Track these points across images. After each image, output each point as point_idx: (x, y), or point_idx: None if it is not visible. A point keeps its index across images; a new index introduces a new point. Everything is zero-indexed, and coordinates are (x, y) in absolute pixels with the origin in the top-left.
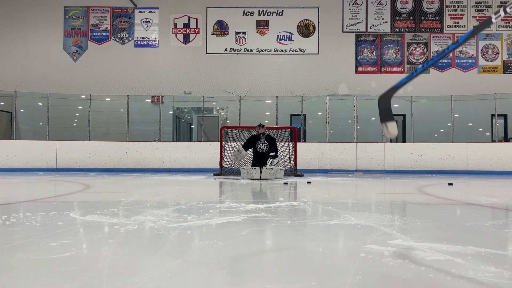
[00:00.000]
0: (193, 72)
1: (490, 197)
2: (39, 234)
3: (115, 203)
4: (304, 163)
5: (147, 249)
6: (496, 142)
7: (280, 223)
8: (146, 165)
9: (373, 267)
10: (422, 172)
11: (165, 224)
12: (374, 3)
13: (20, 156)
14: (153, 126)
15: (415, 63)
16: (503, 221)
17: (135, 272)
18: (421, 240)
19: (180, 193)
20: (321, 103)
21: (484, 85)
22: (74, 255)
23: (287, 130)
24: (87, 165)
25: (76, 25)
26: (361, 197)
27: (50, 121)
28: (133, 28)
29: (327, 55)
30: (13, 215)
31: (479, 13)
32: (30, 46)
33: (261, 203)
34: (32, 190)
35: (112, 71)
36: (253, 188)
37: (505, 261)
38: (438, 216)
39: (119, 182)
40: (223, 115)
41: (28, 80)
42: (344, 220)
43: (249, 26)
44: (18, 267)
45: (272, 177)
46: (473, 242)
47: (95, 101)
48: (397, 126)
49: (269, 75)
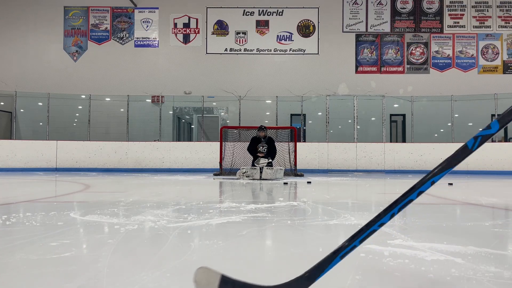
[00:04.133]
0: (193, 72)
1: (490, 197)
2: (39, 234)
3: (115, 203)
4: (304, 163)
5: (147, 249)
6: (496, 142)
7: (280, 223)
8: (146, 165)
9: (373, 267)
10: (422, 172)
11: (165, 224)
12: (374, 3)
13: (20, 156)
14: (153, 126)
15: (415, 63)
16: (503, 221)
17: (135, 272)
18: (421, 240)
19: (180, 193)
20: (321, 103)
21: (484, 85)
22: (74, 255)
23: (287, 130)
24: (87, 165)
25: (76, 25)
26: (361, 197)
27: (50, 121)
28: (133, 28)
29: (327, 55)
30: (13, 215)
31: (479, 13)
32: (30, 46)
33: (261, 203)
34: (32, 190)
35: (112, 71)
36: (253, 188)
37: (505, 261)
38: (438, 216)
39: (119, 182)
40: (223, 115)
41: (28, 80)
42: (344, 220)
43: (249, 26)
44: (18, 267)
45: (272, 177)
46: (473, 242)
47: (95, 101)
48: (397, 126)
49: (269, 75)
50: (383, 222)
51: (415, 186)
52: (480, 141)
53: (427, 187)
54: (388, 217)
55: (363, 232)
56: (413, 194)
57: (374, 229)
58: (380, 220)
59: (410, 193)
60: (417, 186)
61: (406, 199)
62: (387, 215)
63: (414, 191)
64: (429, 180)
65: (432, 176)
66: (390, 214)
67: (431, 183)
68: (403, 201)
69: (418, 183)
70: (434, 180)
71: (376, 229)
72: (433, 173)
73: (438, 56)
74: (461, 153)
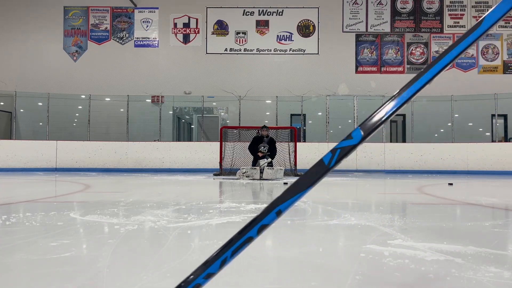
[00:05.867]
0: (193, 72)
1: (490, 197)
2: (39, 234)
3: (115, 203)
4: (304, 163)
5: (147, 249)
6: (496, 142)
7: (280, 223)
8: (146, 165)
9: (373, 267)
10: (422, 172)
11: (165, 224)
12: (374, 3)
13: (20, 156)
14: (153, 126)
15: (415, 63)
16: (503, 221)
17: (135, 272)
18: (421, 240)
19: (180, 193)
20: (321, 103)
21: (484, 85)
22: (74, 255)
23: (287, 130)
24: (87, 165)
25: (76, 25)
26: (361, 197)
27: (50, 121)
28: (133, 28)
29: (327, 55)
30: (13, 215)
31: (479, 13)
32: (30, 46)
33: (261, 203)
34: (32, 190)
35: (112, 71)
36: (253, 188)
37: (505, 261)
38: (438, 216)
39: (119, 182)
40: (223, 115)
41: (28, 80)
42: (344, 220)
43: (249, 26)
44: (18, 267)
45: (272, 177)
46: (473, 242)
47: (95, 101)
48: (397, 126)
49: (269, 75)
50: (211, 272)
51: (256, 219)
52: (339, 154)
53: (270, 219)
54: (218, 265)
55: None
56: (253, 230)
57: (198, 283)
58: (207, 269)
59: (248, 229)
60: (258, 219)
61: (243, 237)
62: (217, 261)
63: (254, 225)
64: (273, 211)
65: (276, 205)
66: (221, 260)
67: (276, 213)
68: (239, 241)
69: (259, 216)
70: (281, 209)
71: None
72: (278, 201)
73: None
74: (317, 170)
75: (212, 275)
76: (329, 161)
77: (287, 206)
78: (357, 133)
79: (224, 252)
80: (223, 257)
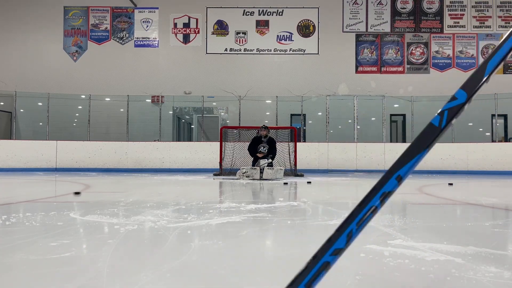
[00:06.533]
0: (193, 72)
1: (490, 197)
2: (39, 234)
3: (115, 203)
4: (304, 163)
5: (147, 249)
6: (496, 142)
7: (280, 223)
8: (146, 165)
9: (373, 267)
10: (422, 172)
11: (165, 224)
12: (374, 3)
13: (20, 156)
14: (153, 126)
15: (415, 63)
16: (503, 221)
17: (135, 272)
18: (421, 240)
19: (180, 193)
20: (321, 103)
21: (484, 85)
22: (74, 255)
23: (287, 130)
24: (87, 165)
25: (76, 25)
26: (361, 197)
27: (50, 121)
28: (133, 28)
29: (327, 55)
30: (13, 215)
31: (479, 13)
32: (30, 46)
33: (261, 203)
34: (32, 190)
35: (112, 71)
36: (253, 188)
37: (505, 261)
38: (438, 216)
39: (119, 182)
40: (223, 115)
41: (28, 80)
42: None
43: (249, 26)
44: (18, 267)
45: (272, 177)
46: (473, 242)
47: (95, 101)
48: (397, 126)
49: (269, 75)
50: (338, 247)
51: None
52: (448, 115)
53: (392, 186)
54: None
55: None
56: (375, 198)
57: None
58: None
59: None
60: (377, 187)
61: (365, 207)
62: (343, 235)
63: (376, 193)
64: (393, 177)
65: (396, 170)
66: (347, 233)
67: (396, 179)
68: (362, 211)
69: (379, 182)
70: (400, 174)
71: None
72: (396, 166)
73: (438, 56)
74: (428, 133)
75: (341, 250)
76: (439, 123)
77: (406, 170)
78: (460, 93)
79: (349, 225)
80: (348, 230)
